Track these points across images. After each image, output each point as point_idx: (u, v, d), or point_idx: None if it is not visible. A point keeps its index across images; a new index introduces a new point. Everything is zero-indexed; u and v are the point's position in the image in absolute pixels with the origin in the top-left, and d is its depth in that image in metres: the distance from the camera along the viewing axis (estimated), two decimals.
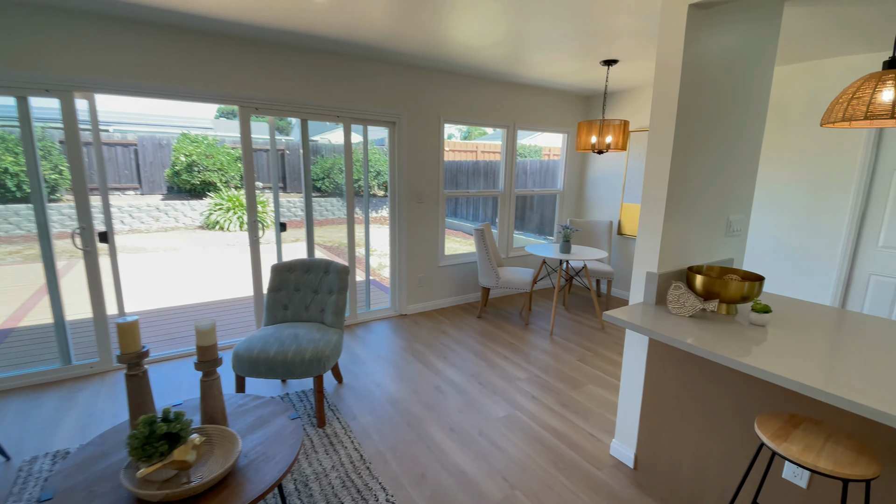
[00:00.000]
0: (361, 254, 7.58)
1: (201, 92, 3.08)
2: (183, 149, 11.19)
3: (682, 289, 1.87)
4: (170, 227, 10.47)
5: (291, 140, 14.81)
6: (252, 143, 3.36)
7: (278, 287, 2.86)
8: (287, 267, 2.89)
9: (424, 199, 4.27)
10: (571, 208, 5.53)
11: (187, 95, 3.04)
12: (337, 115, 3.68)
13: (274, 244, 8.49)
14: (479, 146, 14.25)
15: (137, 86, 2.88)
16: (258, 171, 12.31)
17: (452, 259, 4.61)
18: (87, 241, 2.96)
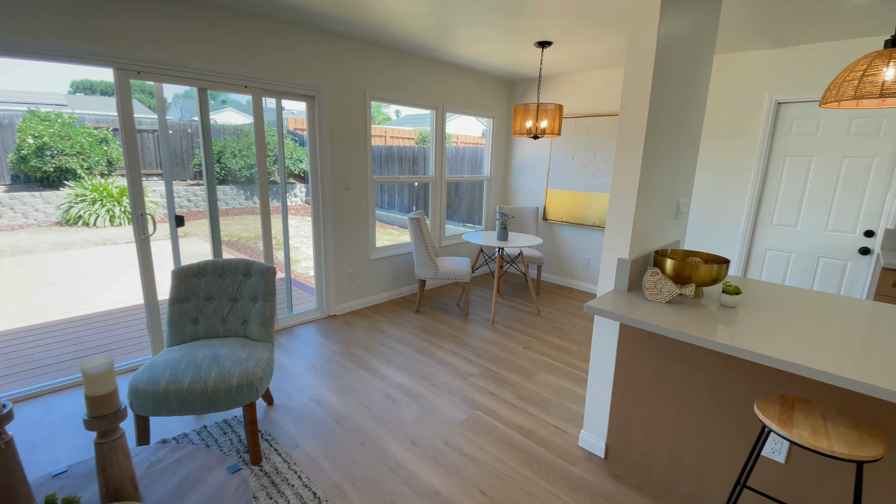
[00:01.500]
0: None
1: (61, 49, 2.33)
2: (31, 129, 9.05)
3: (659, 275, 1.83)
4: (17, 225, 8.44)
5: (170, 119, 12.87)
6: (130, 120, 2.66)
7: (184, 297, 2.31)
8: (195, 271, 2.34)
9: (352, 186, 3.85)
10: (498, 195, 5.49)
11: (40, 53, 2.27)
12: (245, 84, 3.10)
13: (162, 242, 7.23)
14: (388, 131, 13.80)
15: None
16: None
17: (385, 251, 4.28)
18: None
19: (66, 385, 2.67)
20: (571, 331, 3.74)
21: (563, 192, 4.87)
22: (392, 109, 20.55)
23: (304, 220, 10.26)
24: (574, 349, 3.39)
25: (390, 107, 21.15)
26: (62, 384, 2.66)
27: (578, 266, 4.90)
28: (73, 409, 2.43)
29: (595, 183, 4.59)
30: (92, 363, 1.12)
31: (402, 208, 9.43)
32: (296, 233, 8.61)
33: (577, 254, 4.90)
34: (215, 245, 3.24)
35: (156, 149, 11.13)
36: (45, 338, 3.44)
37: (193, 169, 11.82)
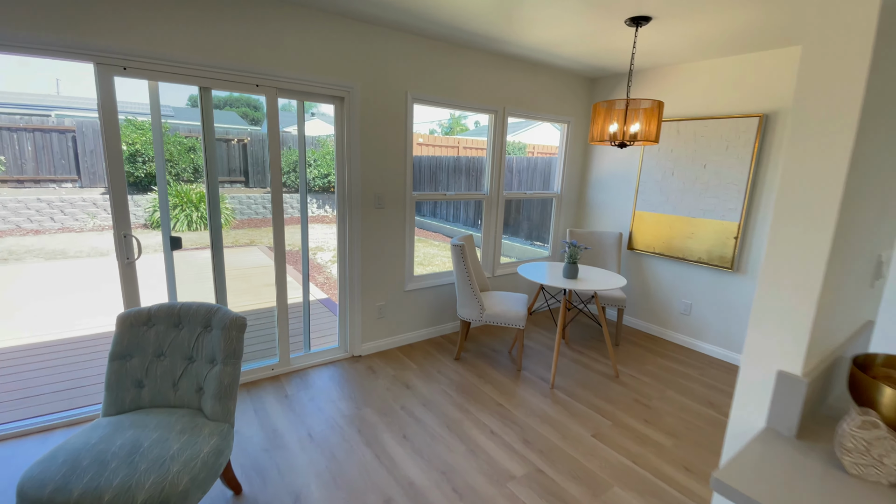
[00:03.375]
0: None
1: (31, 39, 1.95)
2: (126, 136, 9.82)
3: (880, 428, 0.88)
4: (107, 226, 9.13)
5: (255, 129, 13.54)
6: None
7: (128, 351, 1.77)
8: (144, 318, 1.80)
9: (386, 204, 3.21)
10: (570, 215, 4.54)
11: (12, 45, 1.90)
12: (256, 83, 2.58)
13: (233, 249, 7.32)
14: (462, 141, 13.25)
15: None
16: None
17: (425, 281, 3.57)
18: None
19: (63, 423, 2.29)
20: (664, 411, 2.72)
21: (656, 216, 3.80)
22: (471, 120, 20.08)
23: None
24: (668, 446, 2.38)
25: (469, 116, 20.65)
26: (53, 422, 2.29)
27: (675, 312, 3.79)
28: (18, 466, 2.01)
29: (703, 206, 3.48)
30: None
31: (466, 220, 8.72)
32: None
33: (673, 296, 3.79)
34: (278, 255, 2.79)
35: (241, 157, 11.68)
36: (55, 356, 3.22)
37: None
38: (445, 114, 21.08)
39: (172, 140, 10.21)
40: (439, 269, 6.52)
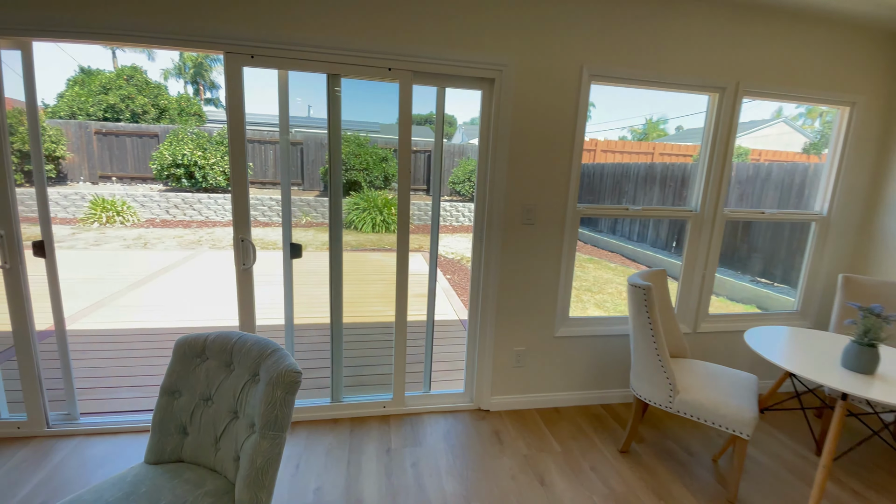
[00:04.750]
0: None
1: (159, 28, 1.88)
2: None
3: None
4: (316, 223, 10.66)
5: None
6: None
7: (176, 387, 1.44)
8: (198, 348, 1.45)
9: (538, 219, 2.40)
10: (843, 251, 2.86)
11: (138, 36, 1.87)
12: (388, 65, 2.12)
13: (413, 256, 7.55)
14: (658, 147, 11.18)
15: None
16: (282, 166, 12.00)
17: (584, 326, 2.62)
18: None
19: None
20: None
21: None
22: (672, 124, 17.02)
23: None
24: None
25: (668, 121, 17.53)
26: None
27: None
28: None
29: None
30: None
31: (656, 242, 7.07)
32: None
33: None
34: (432, 264, 2.46)
35: (425, 167, 12.40)
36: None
37: (448, 186, 12.63)
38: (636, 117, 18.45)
39: (370, 151, 11.37)
40: (610, 304, 5.28)
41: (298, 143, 11.93)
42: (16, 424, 2.14)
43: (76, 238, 7.74)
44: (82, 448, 2.10)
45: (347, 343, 3.56)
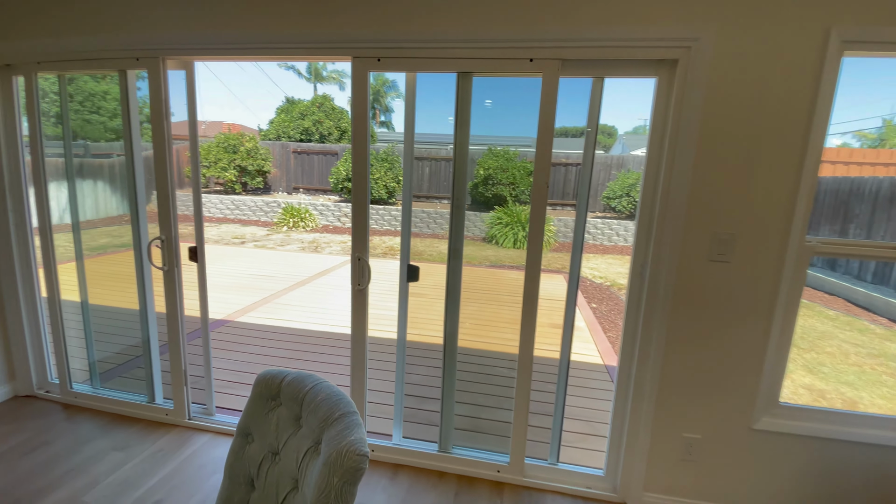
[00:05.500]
0: None
1: (295, 38, 1.83)
2: (483, 163, 11.39)
3: None
4: (442, 235, 10.81)
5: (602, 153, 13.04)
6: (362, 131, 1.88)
7: (250, 429, 1.26)
8: (273, 389, 1.24)
9: (736, 255, 1.66)
10: None
11: (266, 48, 1.85)
12: (530, 55, 1.71)
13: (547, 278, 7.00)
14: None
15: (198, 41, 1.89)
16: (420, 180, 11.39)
17: (806, 419, 1.73)
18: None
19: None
20: None
21: None
22: None
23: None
24: None
25: None
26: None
27: None
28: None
29: None
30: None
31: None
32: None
33: None
34: (571, 289, 2.11)
35: (577, 180, 11.57)
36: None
37: (602, 201, 11.50)
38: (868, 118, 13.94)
39: (518, 165, 11.06)
40: (830, 370, 3.80)
41: (450, 158, 12.35)
42: (164, 411, 2.35)
43: (268, 238, 9.26)
44: (210, 447, 2.18)
45: (467, 374, 3.21)
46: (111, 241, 2.41)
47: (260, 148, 12.18)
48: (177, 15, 1.91)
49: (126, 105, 2.11)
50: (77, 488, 1.83)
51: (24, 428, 2.19)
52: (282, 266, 6.65)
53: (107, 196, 2.39)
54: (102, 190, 2.38)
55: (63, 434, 2.17)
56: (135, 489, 1.86)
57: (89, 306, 2.46)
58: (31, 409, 2.36)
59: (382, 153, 11.85)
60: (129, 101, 2.11)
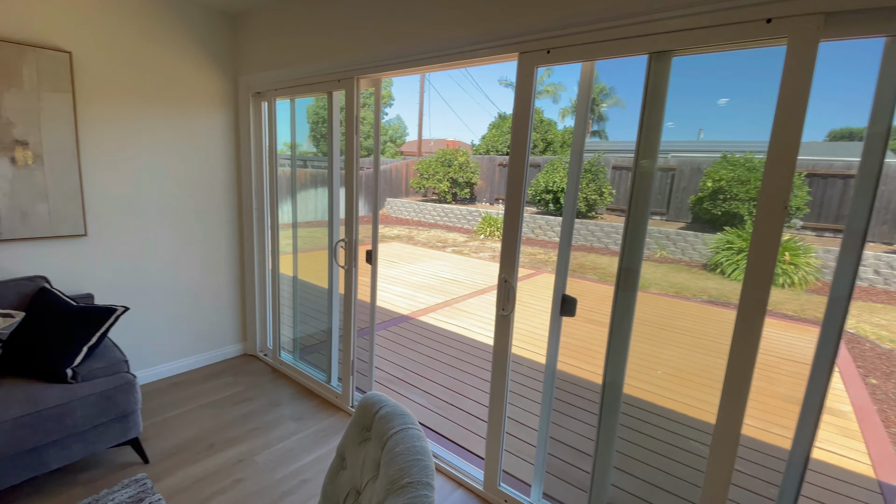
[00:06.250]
0: None
1: (470, 41, 1.73)
2: (714, 173, 9.47)
3: None
4: (671, 260, 9.28)
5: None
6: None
7: (345, 453, 1.18)
8: (368, 419, 1.13)
9: None
10: None
11: (425, 57, 1.79)
12: (766, 14, 1.15)
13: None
14: None
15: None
16: None
17: None
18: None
19: None
20: None
21: None
22: None
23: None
24: None
25: None
26: None
27: None
28: None
29: None
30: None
31: None
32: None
33: None
34: (824, 345, 1.63)
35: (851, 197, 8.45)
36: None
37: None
38: None
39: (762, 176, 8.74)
40: None
41: (671, 168, 10.79)
42: (335, 393, 2.61)
43: (465, 244, 9.87)
44: None
45: (634, 432, 2.56)
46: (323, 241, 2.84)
47: (471, 162, 13.17)
48: (367, 37, 2.06)
49: (330, 123, 2.42)
50: (254, 447, 2.18)
51: (240, 382, 2.78)
52: (469, 272, 6.93)
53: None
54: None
55: (264, 394, 2.66)
56: (293, 461, 2.09)
57: (299, 291, 2.97)
58: (250, 367, 2.99)
59: (587, 163, 11.19)
60: (332, 119, 2.41)
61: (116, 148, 2.38)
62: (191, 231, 2.76)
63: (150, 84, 2.45)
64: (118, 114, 2.35)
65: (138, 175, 2.48)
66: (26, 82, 2.00)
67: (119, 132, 2.37)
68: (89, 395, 1.81)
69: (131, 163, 2.45)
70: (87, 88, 2.22)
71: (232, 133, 2.87)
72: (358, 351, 3.12)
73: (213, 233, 2.87)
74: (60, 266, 2.27)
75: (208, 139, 2.76)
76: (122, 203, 2.44)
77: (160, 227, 2.62)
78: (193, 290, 2.83)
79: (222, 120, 2.81)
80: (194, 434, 2.23)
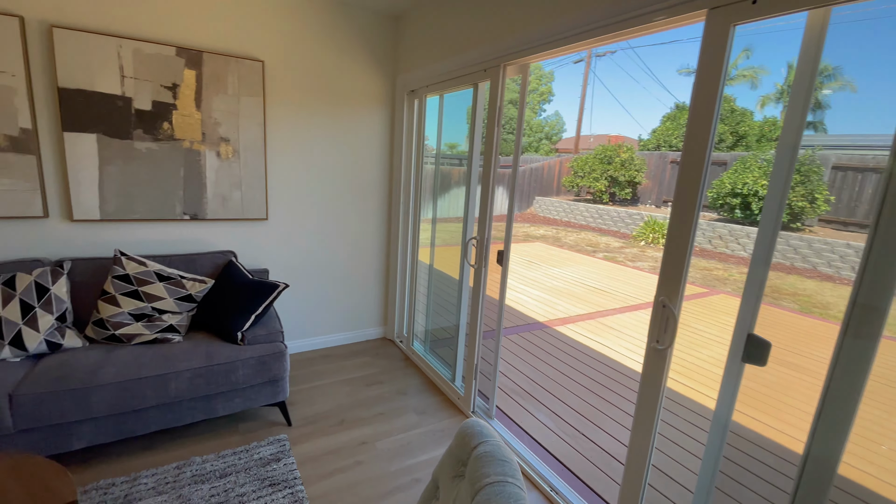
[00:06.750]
0: None
1: (611, 13, 1.41)
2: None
3: None
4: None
5: None
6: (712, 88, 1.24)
7: (438, 481, 1.04)
8: (464, 454, 0.97)
9: None
10: None
11: (587, 29, 1.49)
12: None
13: None
14: None
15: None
16: None
17: None
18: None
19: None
20: None
21: None
22: None
23: None
24: None
25: None
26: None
27: None
28: None
29: None
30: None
31: None
32: None
33: None
34: None
35: None
36: None
37: None
38: None
39: None
40: None
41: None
42: (457, 393, 2.54)
43: (620, 251, 8.93)
44: None
45: None
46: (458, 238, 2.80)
47: (635, 158, 11.86)
48: (515, 21, 1.88)
49: (473, 117, 2.32)
50: (377, 432, 2.23)
51: (376, 364, 2.92)
52: (622, 283, 6.19)
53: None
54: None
55: (394, 380, 2.74)
56: (409, 456, 2.08)
57: (434, 283, 2.99)
58: (387, 351, 3.14)
59: (801, 159, 8.94)
60: (476, 113, 2.31)
61: (290, 144, 2.71)
62: (347, 220, 3.02)
63: (321, 86, 2.73)
64: (293, 113, 2.68)
65: (306, 168, 2.80)
66: (230, 88, 2.41)
67: (293, 130, 2.70)
68: (250, 357, 2.08)
69: (301, 157, 2.76)
70: (272, 92, 2.57)
71: (387, 131, 3.03)
72: (484, 351, 3.00)
73: (365, 222, 3.09)
74: (245, 244, 2.70)
75: (366, 136, 2.96)
76: (293, 193, 2.79)
77: (322, 216, 2.92)
78: (345, 274, 3.09)
79: (380, 118, 2.98)
80: (330, 407, 2.42)
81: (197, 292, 2.20)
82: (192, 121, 2.37)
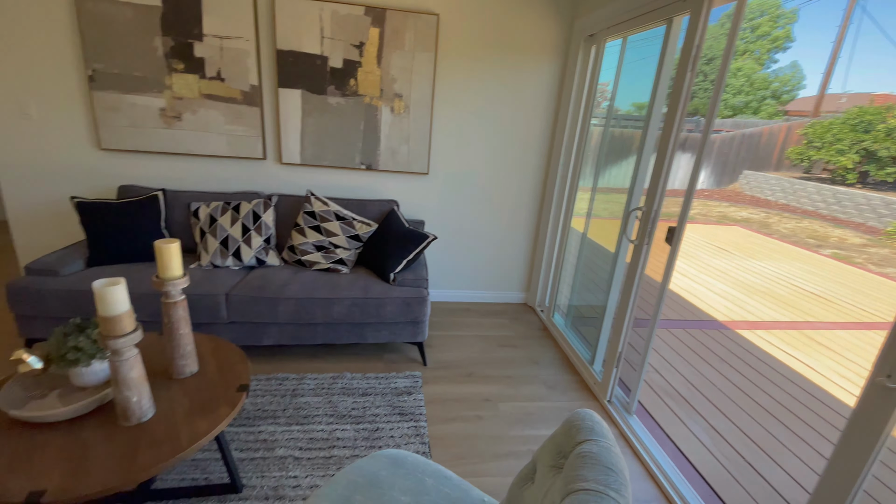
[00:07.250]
0: None
1: None
2: None
3: None
4: None
5: None
6: None
7: (535, 465, 0.95)
8: (568, 445, 0.85)
9: None
10: None
11: None
12: None
13: None
14: None
15: None
16: None
17: None
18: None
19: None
20: None
21: None
22: None
23: None
24: None
25: None
26: None
27: None
28: None
29: None
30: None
31: None
32: None
33: None
34: None
35: None
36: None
37: None
38: None
39: None
40: None
41: None
42: (594, 378, 2.33)
43: (861, 250, 6.77)
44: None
45: None
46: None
47: None
48: None
49: (661, 63, 1.93)
50: (503, 394, 2.23)
51: (512, 328, 2.88)
52: (855, 291, 4.69)
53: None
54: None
55: (528, 347, 2.68)
56: (528, 427, 2.02)
57: (584, 258, 2.74)
58: (526, 317, 3.06)
59: None
60: (664, 56, 1.91)
61: (455, 100, 2.73)
62: (503, 181, 2.96)
63: (492, 38, 2.64)
64: (461, 69, 2.67)
65: (467, 125, 2.80)
66: (407, 44, 2.52)
67: (458, 86, 2.71)
68: (397, 297, 2.27)
69: (464, 114, 2.77)
70: (444, 47, 2.60)
71: (555, 87, 2.79)
72: (634, 339, 2.67)
73: (520, 185, 2.99)
74: (406, 195, 2.90)
75: (533, 92, 2.79)
76: (453, 149, 2.84)
77: (478, 174, 2.92)
78: (493, 234, 3.08)
79: (549, 72, 2.76)
80: (462, 358, 2.51)
81: (364, 233, 2.49)
82: (373, 77, 2.58)
